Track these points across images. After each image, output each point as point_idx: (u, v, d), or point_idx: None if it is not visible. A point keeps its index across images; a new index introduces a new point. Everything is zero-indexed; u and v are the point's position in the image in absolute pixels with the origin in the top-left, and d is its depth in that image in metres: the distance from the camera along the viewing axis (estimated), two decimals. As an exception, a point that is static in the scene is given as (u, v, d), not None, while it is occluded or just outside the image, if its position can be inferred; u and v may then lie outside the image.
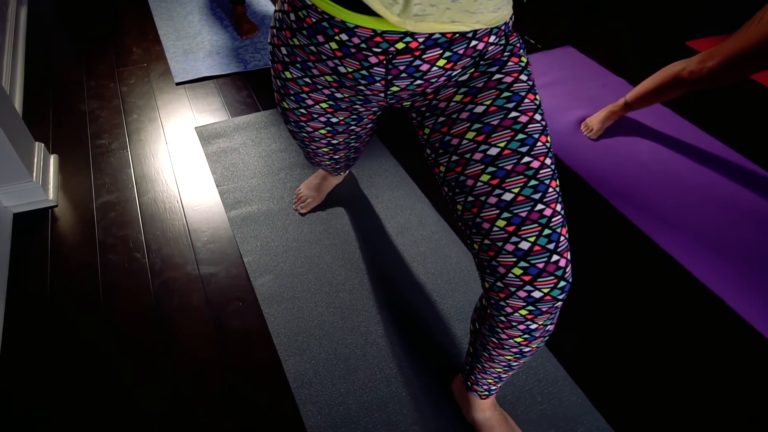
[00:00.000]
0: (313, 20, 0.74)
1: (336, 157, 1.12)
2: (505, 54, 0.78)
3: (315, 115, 0.92)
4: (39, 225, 1.50)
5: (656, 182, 1.70)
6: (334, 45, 0.74)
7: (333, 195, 1.63)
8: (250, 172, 1.70)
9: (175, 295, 1.34)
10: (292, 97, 0.90)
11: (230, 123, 1.90)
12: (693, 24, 2.64)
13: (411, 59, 0.72)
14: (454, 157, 0.78)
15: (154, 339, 1.24)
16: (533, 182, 0.73)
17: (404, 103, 0.85)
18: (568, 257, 0.75)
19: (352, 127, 0.98)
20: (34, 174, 1.53)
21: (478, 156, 0.75)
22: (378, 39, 0.70)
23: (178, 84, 2.12)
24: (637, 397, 1.16)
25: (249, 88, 2.11)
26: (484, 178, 0.75)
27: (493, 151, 0.74)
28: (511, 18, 0.79)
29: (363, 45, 0.72)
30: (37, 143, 1.62)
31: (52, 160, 1.67)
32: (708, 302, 1.36)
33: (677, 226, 1.55)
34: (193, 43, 2.40)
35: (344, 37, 0.72)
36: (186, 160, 1.74)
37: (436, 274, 1.40)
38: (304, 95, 0.88)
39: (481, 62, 0.78)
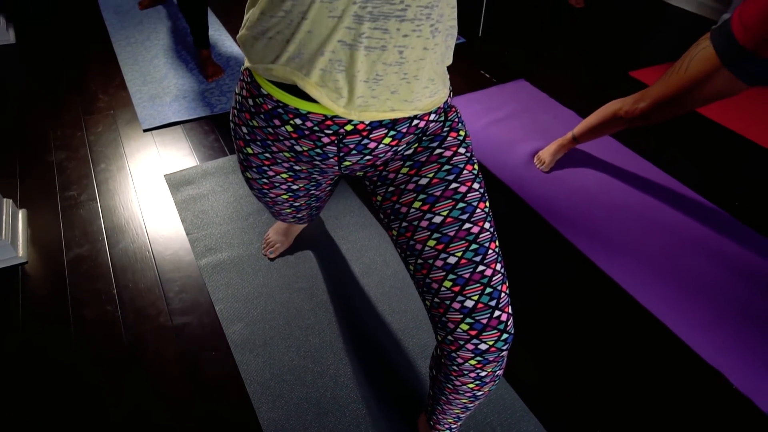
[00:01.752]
0: (270, 107, 0.82)
1: (299, 215, 1.20)
2: (445, 129, 0.87)
3: (276, 184, 1.00)
4: (9, 283, 1.52)
5: (604, 213, 1.82)
6: (289, 128, 0.82)
7: (301, 238, 1.69)
8: (220, 218, 1.75)
9: (148, 347, 1.38)
10: (254, 169, 0.97)
11: (199, 169, 1.95)
12: (635, 55, 2.82)
13: (360, 138, 0.80)
14: (404, 224, 0.86)
15: (129, 391, 1.28)
16: (474, 246, 0.82)
17: (357, 173, 0.93)
18: (509, 311, 0.84)
19: (312, 192, 1.05)
20: (3, 232, 1.55)
21: (424, 224, 0.84)
22: (329, 122, 0.78)
23: (145, 131, 2.16)
24: (589, 423, 1.25)
25: (216, 132, 2.17)
26: (431, 243, 0.83)
27: (438, 219, 0.83)
28: (449, 96, 0.88)
29: (316, 128, 0.80)
30: (5, 200, 1.64)
31: (21, 215, 1.70)
32: (655, 329, 1.47)
33: (623, 254, 1.66)
34: (159, 87, 2.45)
35: (298, 121, 0.80)
36: (156, 209, 1.79)
37: (401, 313, 1.47)
38: (265, 168, 0.95)
39: (424, 138, 0.86)
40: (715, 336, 1.43)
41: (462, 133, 0.89)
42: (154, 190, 1.87)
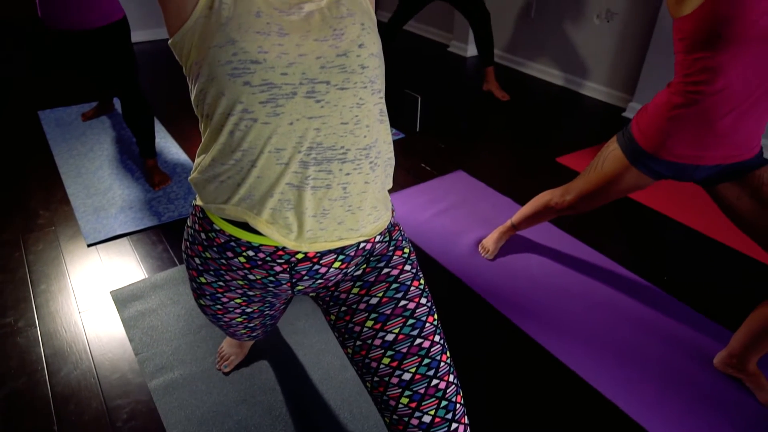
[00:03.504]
0: (222, 240, 0.86)
1: (253, 334, 1.20)
2: (390, 249, 0.93)
3: (231, 309, 1.01)
4: (-66, 428, 1.39)
5: (549, 295, 1.91)
6: (242, 259, 0.85)
7: (256, 348, 1.66)
8: (171, 333, 1.70)
9: (93, 487, 1.28)
10: (208, 297, 0.99)
11: (147, 282, 1.92)
12: (559, 142, 3.10)
13: (311, 265, 0.85)
14: (358, 342, 0.89)
15: None
16: (426, 360, 0.85)
17: (310, 294, 0.97)
18: (466, 421, 0.86)
19: (266, 312, 1.07)
20: (-70, 371, 1.44)
21: (377, 342, 0.87)
22: (280, 252, 0.82)
23: (89, 245, 2.12)
24: None
25: (164, 242, 2.15)
26: (386, 361, 0.86)
27: (390, 337, 0.86)
28: (392, 217, 0.96)
29: (268, 258, 0.83)
30: (-67, 335, 1.54)
31: (-50, 349, 1.59)
32: (603, 408, 1.51)
33: (568, 335, 1.74)
34: (104, 199, 2.43)
35: (251, 253, 0.84)
36: (101, 330, 1.72)
37: (362, 419, 1.45)
38: (219, 295, 0.97)
39: (371, 258, 0.92)
40: (662, 409, 1.49)
41: (406, 250, 0.95)
42: (100, 309, 1.81)
